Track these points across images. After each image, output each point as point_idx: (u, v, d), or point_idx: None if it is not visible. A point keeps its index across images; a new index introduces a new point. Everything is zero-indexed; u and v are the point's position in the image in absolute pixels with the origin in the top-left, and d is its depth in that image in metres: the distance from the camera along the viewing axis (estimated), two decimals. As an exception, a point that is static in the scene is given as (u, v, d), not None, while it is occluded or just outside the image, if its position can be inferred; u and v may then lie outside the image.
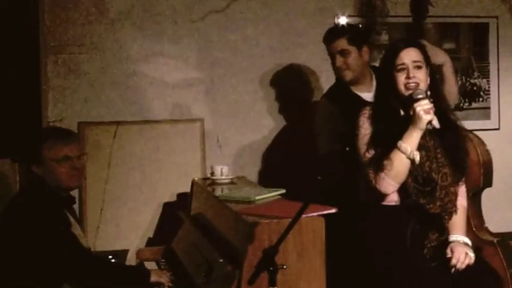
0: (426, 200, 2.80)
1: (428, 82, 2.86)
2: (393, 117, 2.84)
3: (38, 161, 2.89)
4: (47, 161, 2.88)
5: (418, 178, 2.80)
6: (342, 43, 3.52)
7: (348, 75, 3.54)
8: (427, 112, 2.72)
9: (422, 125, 2.73)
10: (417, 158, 2.76)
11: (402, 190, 2.81)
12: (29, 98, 3.92)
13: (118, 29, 4.20)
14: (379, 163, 2.77)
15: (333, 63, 3.57)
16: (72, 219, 2.96)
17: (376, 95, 3.03)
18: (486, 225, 3.49)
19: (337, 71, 3.57)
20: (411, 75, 2.81)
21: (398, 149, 2.75)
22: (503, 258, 3.27)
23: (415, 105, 2.73)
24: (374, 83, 3.59)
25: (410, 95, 2.79)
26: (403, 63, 2.82)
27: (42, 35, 4.06)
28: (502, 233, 4.21)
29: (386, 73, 2.89)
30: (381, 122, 2.84)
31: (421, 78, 2.83)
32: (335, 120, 3.49)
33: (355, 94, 3.56)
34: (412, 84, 2.81)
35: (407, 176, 2.78)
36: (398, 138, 2.76)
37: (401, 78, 2.83)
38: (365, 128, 2.87)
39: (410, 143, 2.75)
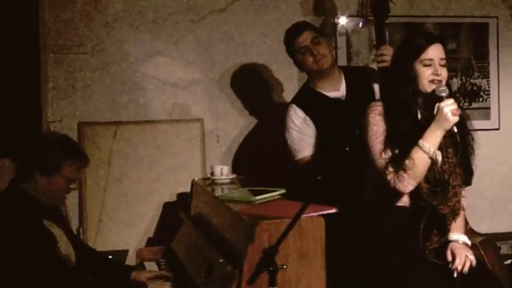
0: (438, 201, 2.74)
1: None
2: (411, 116, 2.74)
3: (49, 172, 2.80)
4: (58, 176, 2.81)
5: (430, 179, 2.73)
6: (312, 33, 3.52)
7: (326, 62, 3.48)
8: (454, 114, 2.63)
9: (449, 126, 2.64)
10: (439, 158, 2.70)
11: (413, 191, 2.74)
12: (29, 98, 3.92)
13: (118, 29, 4.20)
14: (399, 162, 2.67)
15: (304, 59, 3.51)
16: (55, 228, 2.85)
17: (389, 90, 2.87)
18: (469, 226, 3.42)
19: (310, 65, 3.50)
20: (439, 72, 2.71)
21: (421, 148, 2.66)
22: (487, 261, 3.21)
23: (443, 104, 2.63)
24: (343, 82, 3.57)
25: (433, 91, 2.70)
26: (430, 59, 2.71)
27: (42, 35, 4.05)
28: (503, 233, 4.22)
29: (405, 66, 2.75)
30: (398, 121, 2.72)
31: (445, 76, 2.74)
32: (304, 125, 3.50)
33: (322, 94, 3.55)
34: (437, 81, 2.71)
35: None
36: (418, 138, 2.67)
37: (426, 72, 2.71)
38: (378, 126, 2.75)
39: (432, 142, 2.66)
